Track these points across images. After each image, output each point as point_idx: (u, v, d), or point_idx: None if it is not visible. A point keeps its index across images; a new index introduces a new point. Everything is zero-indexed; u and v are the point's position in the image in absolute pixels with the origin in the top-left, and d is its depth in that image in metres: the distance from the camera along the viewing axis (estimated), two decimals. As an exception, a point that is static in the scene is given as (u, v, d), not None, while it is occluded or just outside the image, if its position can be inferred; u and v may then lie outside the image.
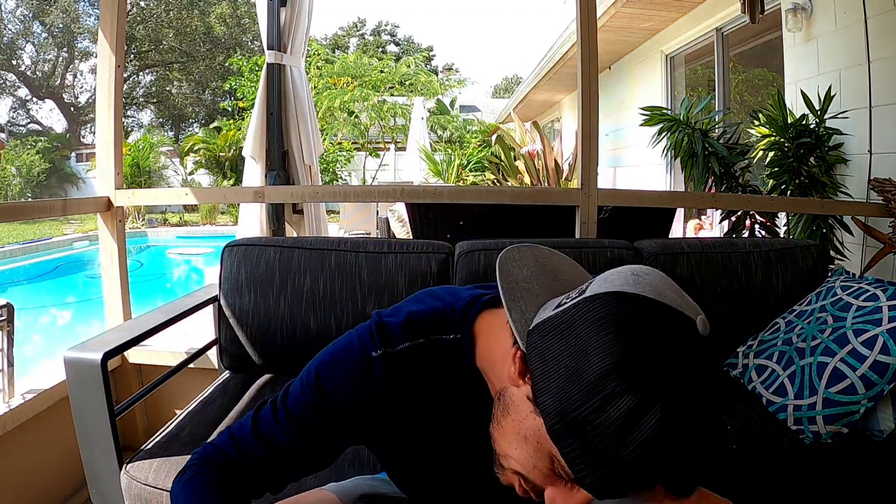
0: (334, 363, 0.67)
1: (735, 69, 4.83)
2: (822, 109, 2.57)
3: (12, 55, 16.61)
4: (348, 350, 0.67)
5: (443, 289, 0.75)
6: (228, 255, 1.51)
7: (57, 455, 1.58)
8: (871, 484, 1.06)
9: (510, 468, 0.57)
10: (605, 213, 2.17)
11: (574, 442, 0.49)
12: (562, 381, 0.50)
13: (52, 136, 15.82)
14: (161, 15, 17.44)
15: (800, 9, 3.10)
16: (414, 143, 9.04)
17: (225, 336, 1.51)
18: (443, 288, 0.76)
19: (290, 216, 2.40)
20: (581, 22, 1.79)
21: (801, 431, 1.17)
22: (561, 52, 6.50)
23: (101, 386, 1.09)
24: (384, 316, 0.69)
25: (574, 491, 0.53)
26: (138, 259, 8.46)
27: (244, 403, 1.33)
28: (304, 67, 2.44)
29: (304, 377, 0.68)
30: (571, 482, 0.53)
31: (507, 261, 0.63)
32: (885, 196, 2.12)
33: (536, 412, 0.53)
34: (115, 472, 1.10)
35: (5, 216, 1.96)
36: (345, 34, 27.53)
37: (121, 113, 1.89)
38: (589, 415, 0.48)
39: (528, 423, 0.54)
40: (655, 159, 3.56)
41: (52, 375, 1.62)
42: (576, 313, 0.53)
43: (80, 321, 5.79)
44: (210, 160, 12.27)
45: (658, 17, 4.95)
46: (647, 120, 2.92)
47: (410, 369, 0.66)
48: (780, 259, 1.54)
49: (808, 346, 1.26)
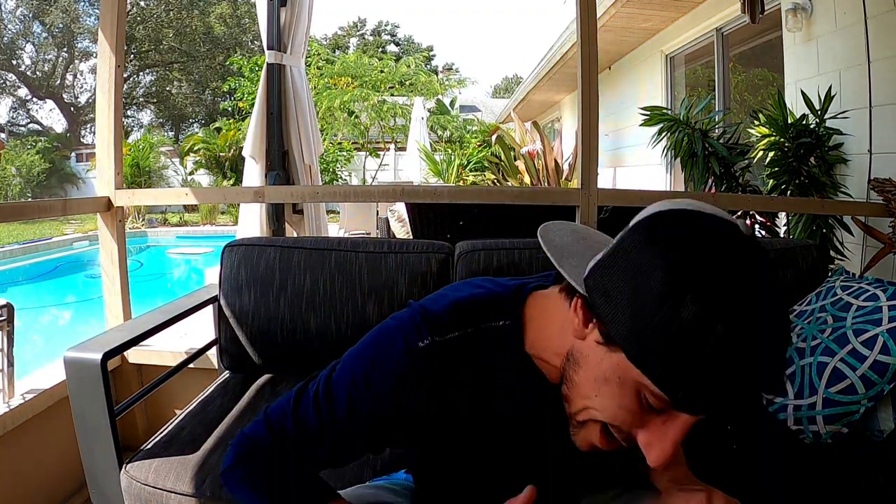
0: (378, 357, 0.65)
1: (735, 69, 4.83)
2: (823, 109, 2.57)
3: (12, 55, 16.61)
4: (391, 342, 0.64)
5: (481, 279, 0.74)
6: (228, 255, 1.51)
7: (57, 455, 1.58)
8: (871, 484, 1.06)
9: (592, 419, 0.56)
10: (605, 213, 2.17)
11: (656, 358, 0.49)
12: (628, 305, 0.50)
13: (52, 136, 15.82)
14: (161, 15, 17.44)
15: (800, 9, 3.10)
16: (414, 143, 9.04)
17: (225, 336, 1.51)
18: (481, 279, 0.74)
19: (290, 216, 2.40)
20: (581, 22, 1.79)
21: (801, 431, 1.17)
22: (561, 53, 6.50)
23: (101, 386, 1.09)
24: (426, 305, 0.67)
25: (667, 425, 0.52)
26: (138, 259, 8.46)
27: (244, 403, 1.33)
28: (304, 67, 2.44)
29: (345, 375, 0.66)
30: (664, 411, 0.52)
31: (547, 232, 0.66)
32: (885, 196, 2.12)
33: (611, 349, 0.53)
34: (115, 472, 1.10)
35: (5, 216, 1.96)
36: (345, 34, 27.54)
37: (121, 113, 1.89)
38: (663, 325, 0.48)
39: (605, 365, 0.54)
40: (655, 159, 3.57)
41: (52, 375, 1.62)
42: (623, 245, 0.55)
43: (80, 321, 5.79)
44: (210, 160, 12.27)
45: (658, 17, 4.95)
46: (647, 120, 2.92)
47: (459, 358, 0.64)
48: (780, 259, 1.54)
49: (808, 346, 1.26)
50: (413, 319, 0.65)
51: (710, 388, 0.48)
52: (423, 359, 0.63)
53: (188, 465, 1.07)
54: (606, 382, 0.54)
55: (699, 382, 0.48)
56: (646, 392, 0.52)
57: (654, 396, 0.52)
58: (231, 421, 1.24)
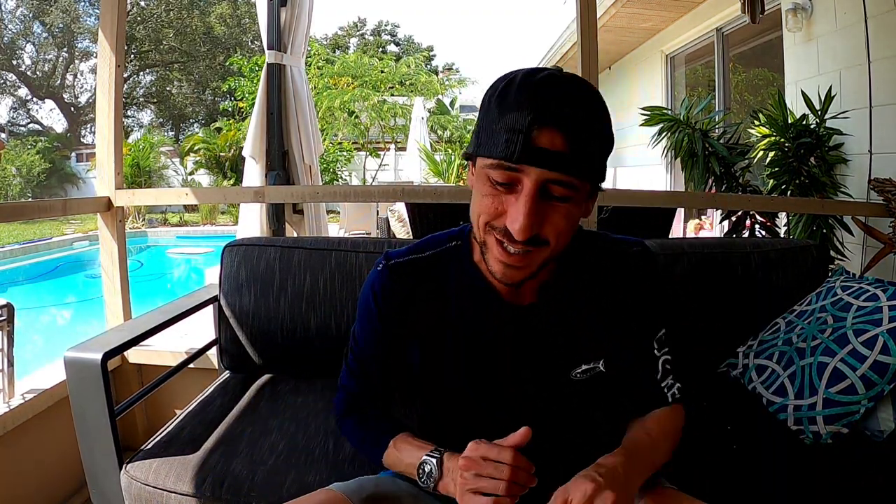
0: (361, 297, 0.85)
1: (735, 69, 4.83)
2: (823, 109, 2.57)
3: (12, 55, 16.60)
4: (366, 283, 0.84)
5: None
6: (228, 255, 1.51)
7: (57, 455, 1.58)
8: (871, 484, 1.05)
9: (481, 227, 0.69)
10: (606, 213, 2.17)
11: (479, 136, 0.67)
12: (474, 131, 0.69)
13: (52, 136, 15.80)
14: (161, 15, 17.43)
15: (800, 9, 3.10)
16: (414, 143, 9.04)
17: (225, 336, 1.51)
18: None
19: (290, 216, 2.40)
20: (581, 22, 1.79)
21: (801, 431, 1.17)
22: (561, 53, 6.50)
23: (101, 386, 1.09)
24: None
25: (518, 201, 0.64)
26: (138, 259, 8.46)
27: (244, 403, 1.33)
28: (305, 67, 2.44)
29: (354, 323, 0.88)
30: (510, 188, 0.65)
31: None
32: (886, 196, 2.12)
33: (473, 167, 0.70)
34: (115, 472, 1.10)
35: (5, 216, 1.96)
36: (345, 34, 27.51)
37: (121, 113, 1.89)
38: (481, 118, 0.67)
39: (472, 180, 0.70)
40: (655, 159, 3.57)
41: (52, 375, 1.62)
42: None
43: (80, 321, 5.79)
44: (210, 160, 12.26)
45: (658, 17, 4.95)
46: (648, 120, 2.93)
47: (419, 275, 0.80)
48: (780, 259, 1.54)
49: (808, 346, 1.26)
50: (379, 260, 0.84)
51: (507, 132, 0.62)
52: (385, 278, 0.81)
53: (188, 465, 1.07)
54: (474, 188, 0.69)
55: (499, 130, 0.63)
56: (489, 172, 0.65)
57: (492, 168, 0.65)
58: (231, 421, 1.24)
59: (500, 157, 0.62)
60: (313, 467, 1.07)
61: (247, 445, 1.13)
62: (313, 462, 1.09)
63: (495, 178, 0.64)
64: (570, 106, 0.62)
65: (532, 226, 0.63)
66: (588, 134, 0.63)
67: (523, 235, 0.63)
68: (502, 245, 0.66)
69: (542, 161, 0.61)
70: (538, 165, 0.61)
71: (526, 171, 0.62)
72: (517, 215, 0.63)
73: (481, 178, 0.67)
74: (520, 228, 0.63)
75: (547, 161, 0.61)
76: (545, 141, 0.61)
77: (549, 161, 0.61)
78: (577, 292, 0.79)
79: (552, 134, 0.61)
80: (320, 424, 1.22)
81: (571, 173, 0.62)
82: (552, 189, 0.63)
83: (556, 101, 0.62)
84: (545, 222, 0.65)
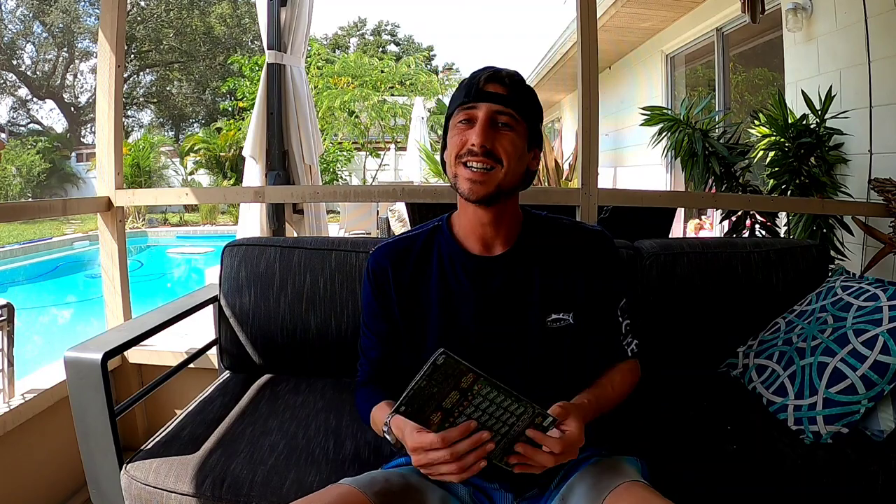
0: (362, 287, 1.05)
1: (735, 69, 4.82)
2: (823, 109, 2.57)
3: (12, 55, 16.59)
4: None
5: None
6: (228, 255, 1.51)
7: (57, 455, 1.58)
8: (871, 484, 1.05)
9: (452, 162, 0.90)
10: (606, 213, 2.17)
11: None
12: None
13: (52, 136, 15.79)
14: (161, 15, 17.42)
15: (800, 8, 3.10)
16: (414, 142, 9.03)
17: (225, 336, 1.51)
18: None
19: (290, 216, 2.40)
20: (581, 22, 1.79)
21: (801, 431, 1.17)
22: (561, 52, 6.50)
23: (101, 386, 1.09)
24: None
25: (474, 125, 0.88)
26: (138, 259, 8.46)
27: (244, 403, 1.33)
28: (305, 67, 2.44)
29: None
30: (468, 123, 0.89)
31: None
32: (886, 196, 2.12)
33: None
34: (115, 472, 1.10)
35: (5, 216, 1.97)
36: (345, 34, 27.50)
37: (121, 113, 1.89)
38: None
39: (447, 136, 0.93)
40: (655, 159, 3.57)
41: (52, 375, 1.62)
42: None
43: (80, 321, 5.79)
44: (210, 160, 12.26)
45: (658, 16, 4.95)
46: (648, 120, 2.92)
47: (406, 253, 0.98)
48: (780, 259, 1.54)
49: (808, 346, 1.25)
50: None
51: (466, 87, 0.90)
52: (373, 261, 1.00)
53: (188, 465, 1.07)
54: (447, 136, 0.92)
55: (461, 91, 0.91)
56: (457, 117, 0.90)
57: (458, 113, 0.89)
58: (231, 421, 1.24)
59: (462, 100, 0.89)
60: (313, 467, 1.07)
61: (247, 445, 1.13)
62: (313, 462, 1.09)
63: (460, 119, 0.89)
64: (507, 73, 0.90)
65: (486, 139, 0.86)
66: (520, 89, 0.90)
67: (479, 141, 0.85)
68: (467, 165, 0.87)
69: (490, 98, 0.87)
70: (487, 101, 0.87)
71: (479, 107, 0.87)
72: (476, 134, 0.86)
73: (452, 129, 0.90)
74: (477, 141, 0.85)
75: (493, 98, 0.87)
76: (491, 88, 0.88)
77: (494, 98, 0.87)
78: (543, 251, 0.96)
79: (495, 85, 0.88)
80: (320, 424, 1.22)
81: (510, 107, 0.87)
82: (499, 118, 0.87)
83: (497, 69, 0.91)
84: (496, 142, 0.87)
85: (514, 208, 0.96)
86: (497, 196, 0.89)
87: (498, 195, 0.89)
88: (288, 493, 1.01)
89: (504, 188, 0.88)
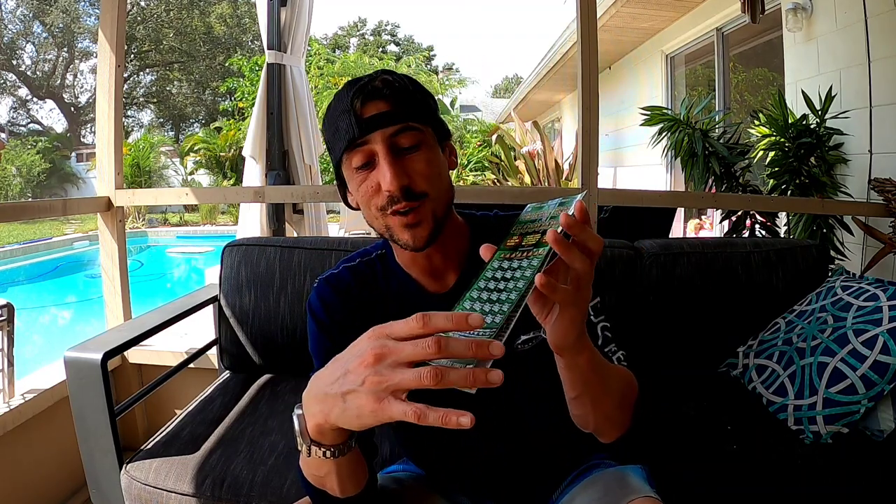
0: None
1: (735, 69, 4.82)
2: (823, 109, 2.57)
3: (12, 55, 16.60)
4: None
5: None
6: (228, 255, 1.51)
7: (57, 455, 1.58)
8: (871, 484, 1.06)
9: (370, 211, 0.75)
10: (606, 213, 2.17)
11: (327, 135, 0.75)
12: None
13: (52, 136, 15.80)
14: (161, 15, 17.42)
15: (800, 8, 3.10)
16: (414, 142, 9.01)
17: (225, 336, 1.51)
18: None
19: (290, 216, 2.40)
20: (581, 22, 1.79)
21: (801, 431, 1.17)
22: (561, 52, 6.49)
23: (101, 386, 1.09)
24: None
25: (380, 167, 0.71)
26: (138, 259, 8.46)
27: (244, 403, 1.33)
28: (305, 67, 2.44)
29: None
30: (368, 167, 0.72)
31: None
32: (886, 196, 2.12)
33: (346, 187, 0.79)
34: (115, 472, 1.10)
35: (5, 216, 1.96)
36: (345, 34, 27.50)
37: (121, 113, 1.89)
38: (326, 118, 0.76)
39: (354, 201, 0.78)
40: (656, 159, 3.57)
41: (52, 375, 1.62)
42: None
43: (80, 321, 5.80)
44: (210, 160, 12.26)
45: (658, 16, 4.95)
46: (648, 120, 2.92)
47: (354, 284, 0.84)
48: (780, 259, 1.54)
49: (808, 346, 1.26)
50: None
51: (342, 122, 0.71)
52: (319, 292, 0.84)
53: (188, 465, 1.07)
54: (355, 194, 0.75)
55: (338, 127, 0.71)
56: (351, 161, 0.72)
57: (349, 156, 0.72)
58: (231, 421, 1.24)
59: (347, 141, 0.71)
60: (313, 467, 1.07)
61: (247, 445, 1.14)
62: (313, 462, 1.09)
63: (356, 163, 0.72)
64: (375, 79, 0.72)
65: (398, 176, 0.69)
66: (400, 90, 0.72)
67: (395, 185, 0.69)
68: (395, 213, 0.72)
69: (377, 124, 0.70)
70: (376, 128, 0.69)
71: (372, 140, 0.70)
72: (384, 176, 0.69)
73: (352, 178, 0.74)
74: (390, 181, 0.69)
75: (380, 122, 0.70)
76: (371, 109, 0.70)
77: (381, 121, 0.70)
78: None
79: (373, 103, 0.70)
80: (320, 424, 1.22)
81: (404, 120, 0.70)
82: (399, 142, 0.71)
83: (364, 82, 0.72)
84: (411, 174, 0.71)
85: (453, 224, 0.81)
86: (439, 228, 0.75)
87: (439, 227, 0.75)
88: (288, 493, 1.01)
89: (440, 215, 0.75)
